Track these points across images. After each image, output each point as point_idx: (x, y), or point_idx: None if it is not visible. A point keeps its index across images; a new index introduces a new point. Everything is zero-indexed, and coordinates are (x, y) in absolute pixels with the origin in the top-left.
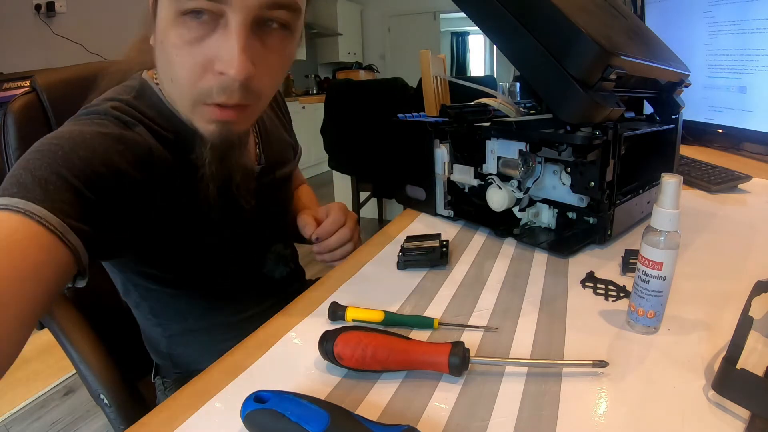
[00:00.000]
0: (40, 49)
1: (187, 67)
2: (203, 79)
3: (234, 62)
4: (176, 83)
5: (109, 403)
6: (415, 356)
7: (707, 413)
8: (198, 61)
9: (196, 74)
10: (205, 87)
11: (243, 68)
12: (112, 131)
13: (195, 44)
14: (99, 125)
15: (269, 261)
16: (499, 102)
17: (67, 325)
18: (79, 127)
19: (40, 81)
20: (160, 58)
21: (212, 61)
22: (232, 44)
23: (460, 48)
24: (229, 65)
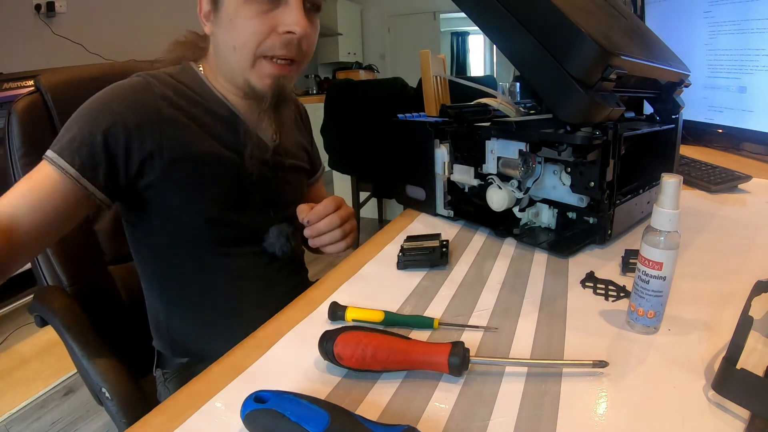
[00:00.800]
0: (40, 49)
1: (256, 32)
2: (269, 39)
3: (300, 22)
4: (241, 48)
5: (111, 396)
6: (415, 356)
7: (707, 413)
8: (266, 26)
9: (263, 35)
10: (269, 44)
11: (304, 26)
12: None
13: (264, 14)
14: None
15: (270, 235)
16: (499, 102)
17: (70, 321)
18: (109, 90)
19: (44, 81)
20: (226, 34)
21: (277, 25)
22: (296, 11)
23: (460, 48)
24: (297, 24)
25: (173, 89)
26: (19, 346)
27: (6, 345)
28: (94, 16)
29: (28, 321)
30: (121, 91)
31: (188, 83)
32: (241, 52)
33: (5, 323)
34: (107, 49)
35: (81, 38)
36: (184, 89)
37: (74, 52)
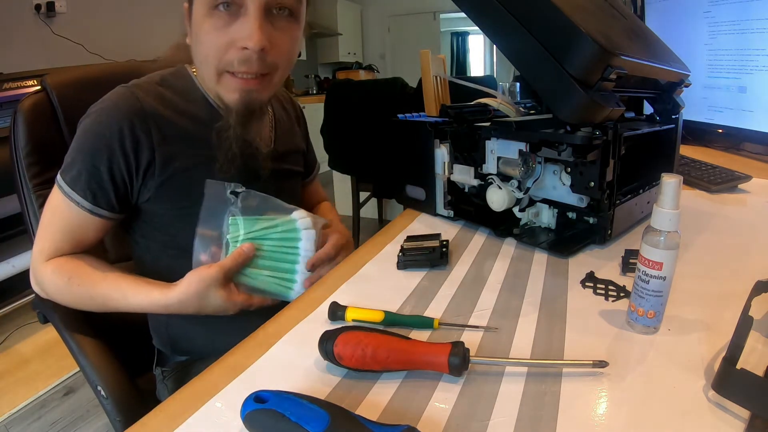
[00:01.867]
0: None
1: (215, 46)
2: (227, 54)
3: (253, 37)
4: (206, 61)
5: (107, 395)
6: (415, 356)
7: (707, 413)
8: (224, 41)
9: (221, 50)
10: (229, 59)
11: (259, 41)
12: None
13: (222, 29)
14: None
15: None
16: (499, 102)
17: (69, 320)
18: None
19: (50, 81)
20: (195, 47)
21: (235, 40)
22: (251, 25)
23: (460, 48)
24: (249, 39)
25: (160, 99)
26: (19, 346)
27: (6, 345)
28: (94, 16)
29: (28, 321)
30: (110, 114)
31: (178, 88)
32: (206, 67)
33: (5, 323)
34: (107, 49)
35: (81, 38)
36: (172, 98)
37: (74, 52)
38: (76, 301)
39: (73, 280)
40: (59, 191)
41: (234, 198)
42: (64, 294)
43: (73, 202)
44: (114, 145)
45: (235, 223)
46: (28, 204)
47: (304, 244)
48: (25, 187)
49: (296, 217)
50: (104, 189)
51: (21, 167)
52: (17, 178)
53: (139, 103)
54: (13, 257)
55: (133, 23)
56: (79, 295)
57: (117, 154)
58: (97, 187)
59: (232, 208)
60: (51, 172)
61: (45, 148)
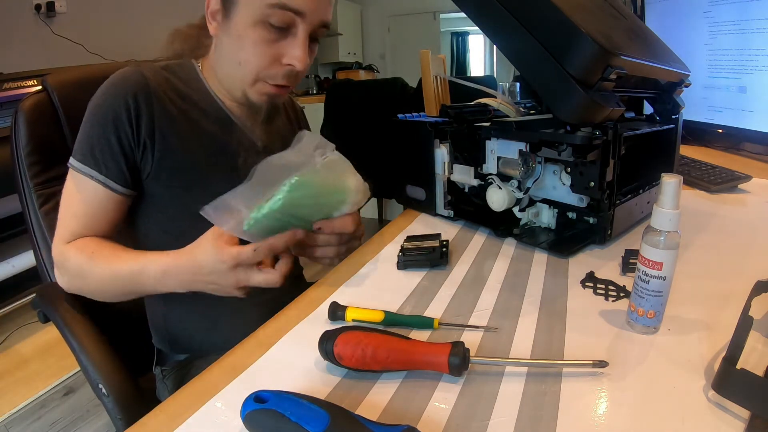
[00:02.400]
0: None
1: (261, 56)
2: (272, 67)
3: (302, 59)
4: (245, 65)
5: (108, 392)
6: (415, 356)
7: (707, 413)
8: (271, 55)
9: (267, 62)
10: (272, 72)
11: (305, 64)
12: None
13: (271, 43)
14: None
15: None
16: (499, 102)
17: (71, 318)
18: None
19: (51, 81)
20: (232, 48)
21: (282, 56)
22: (300, 48)
23: (460, 48)
24: (298, 61)
25: (165, 81)
26: (19, 346)
27: (6, 345)
28: (94, 16)
29: (29, 321)
30: (117, 86)
31: (183, 77)
32: (244, 70)
33: (5, 323)
34: (107, 49)
35: (81, 38)
36: (175, 83)
37: (74, 52)
38: (98, 282)
39: (95, 256)
40: (72, 174)
41: (320, 157)
42: (87, 274)
43: (87, 176)
44: (121, 114)
45: (297, 184)
46: (29, 203)
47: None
48: (26, 187)
49: (352, 187)
50: (116, 160)
51: (22, 167)
52: (18, 178)
53: (144, 80)
54: (13, 257)
55: (133, 23)
56: (101, 275)
57: (123, 122)
58: (109, 157)
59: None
60: (52, 171)
61: (46, 148)
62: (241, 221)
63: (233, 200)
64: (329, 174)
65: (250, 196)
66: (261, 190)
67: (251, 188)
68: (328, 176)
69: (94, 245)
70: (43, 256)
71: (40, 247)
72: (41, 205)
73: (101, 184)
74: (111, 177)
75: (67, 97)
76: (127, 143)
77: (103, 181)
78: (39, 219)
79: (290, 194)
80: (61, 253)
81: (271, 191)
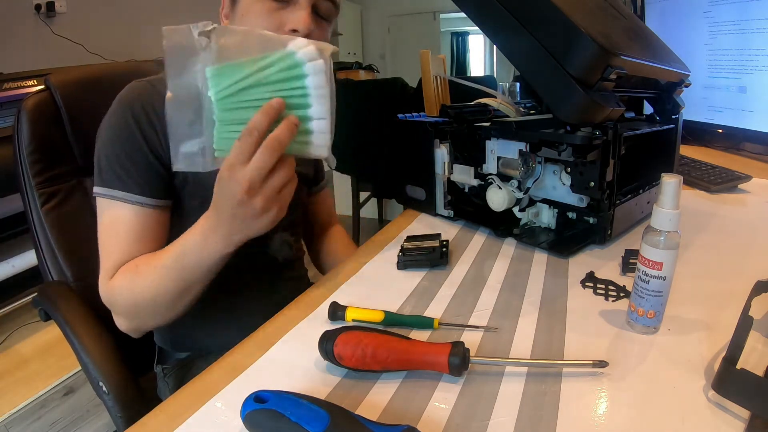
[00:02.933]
0: (40, 49)
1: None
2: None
3: (304, 21)
4: None
5: (108, 391)
6: (415, 356)
7: (707, 413)
8: (274, 23)
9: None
10: None
11: (308, 25)
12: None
13: (273, 13)
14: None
15: (274, 243)
16: (499, 102)
17: (72, 316)
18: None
19: (54, 80)
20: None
21: (284, 23)
22: (303, 11)
23: (460, 48)
24: (300, 22)
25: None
26: (19, 346)
27: (6, 345)
28: (94, 16)
29: (29, 321)
30: (128, 98)
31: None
32: None
33: (5, 323)
34: (107, 49)
35: (81, 38)
36: None
37: (74, 52)
38: (150, 289)
39: (140, 266)
40: (102, 203)
41: (205, 41)
42: (137, 287)
43: (120, 200)
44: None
45: (216, 74)
46: (31, 202)
47: (312, 80)
48: (28, 186)
49: (294, 49)
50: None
51: (24, 166)
52: (20, 177)
53: (158, 94)
54: (13, 257)
55: (133, 23)
56: (150, 281)
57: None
58: (137, 173)
59: (205, 54)
60: (54, 170)
61: (48, 147)
62: (210, 152)
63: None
64: (240, 52)
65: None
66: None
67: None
68: (245, 54)
69: (137, 260)
70: (44, 255)
71: (41, 246)
72: (43, 204)
73: (137, 204)
74: (145, 193)
75: (69, 96)
76: (152, 153)
77: (140, 201)
78: (41, 218)
79: (218, 90)
80: (108, 291)
81: (203, 110)
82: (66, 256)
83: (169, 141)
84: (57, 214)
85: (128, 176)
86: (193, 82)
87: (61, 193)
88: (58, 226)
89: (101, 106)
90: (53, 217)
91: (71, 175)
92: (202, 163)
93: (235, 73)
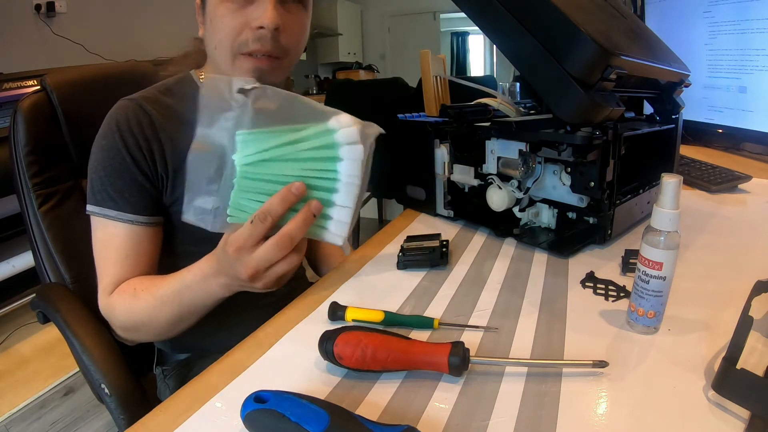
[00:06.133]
0: (40, 49)
1: (230, 28)
2: (242, 34)
3: (268, 15)
4: (221, 45)
5: (110, 392)
6: (415, 356)
7: (707, 413)
8: (239, 22)
9: (236, 31)
10: (244, 39)
11: (273, 19)
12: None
13: (237, 11)
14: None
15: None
16: (499, 102)
17: (72, 318)
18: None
19: (50, 80)
20: (210, 35)
21: (250, 20)
22: (266, 5)
23: (460, 48)
24: (264, 18)
25: (166, 110)
26: (19, 346)
27: (6, 345)
28: (94, 16)
29: (28, 321)
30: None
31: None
32: (221, 50)
33: (5, 323)
34: (107, 49)
35: (81, 38)
36: (177, 108)
37: (74, 52)
38: (148, 315)
39: (137, 291)
40: (96, 221)
41: (243, 98)
42: (135, 310)
43: (112, 219)
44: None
45: (246, 140)
46: (28, 204)
47: (345, 165)
48: (25, 187)
49: (335, 126)
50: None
51: (21, 167)
52: (17, 178)
53: (147, 116)
54: (13, 257)
55: (133, 23)
56: (147, 307)
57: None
58: (129, 192)
59: (240, 113)
60: (51, 171)
61: (45, 148)
62: (222, 214)
63: (200, 200)
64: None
65: (213, 186)
66: (213, 172)
67: (204, 178)
68: (281, 122)
69: (135, 283)
70: (41, 256)
71: (38, 248)
72: (40, 206)
73: (129, 222)
74: (137, 211)
75: (66, 96)
76: (141, 174)
77: (131, 219)
78: (38, 219)
79: (243, 156)
80: (106, 306)
81: (224, 170)
82: (64, 258)
83: (185, 190)
84: (54, 215)
85: (120, 197)
86: (220, 140)
87: (59, 194)
88: (55, 227)
89: (98, 106)
90: (50, 219)
91: (68, 176)
92: (212, 223)
93: (265, 141)
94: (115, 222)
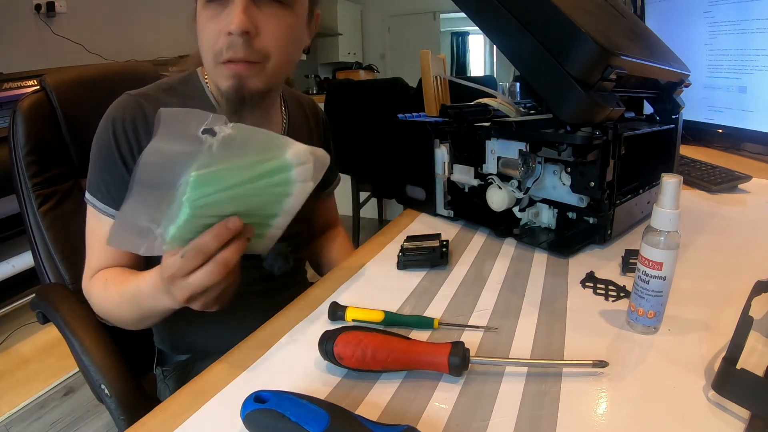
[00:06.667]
0: (40, 49)
1: (208, 36)
2: (217, 43)
3: (234, 21)
4: (203, 53)
5: (110, 393)
6: (415, 356)
7: (707, 413)
8: (214, 30)
9: (212, 39)
10: (218, 47)
11: (240, 24)
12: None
13: (214, 19)
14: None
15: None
16: (499, 102)
17: (71, 319)
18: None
19: (50, 80)
20: (198, 42)
21: (222, 27)
22: (235, 10)
23: (460, 48)
24: (231, 23)
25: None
26: (19, 346)
27: (6, 345)
28: (94, 16)
29: (28, 321)
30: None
31: (187, 95)
32: (204, 59)
33: (5, 323)
34: (107, 49)
35: (81, 38)
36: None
37: (74, 52)
38: (114, 307)
39: (108, 283)
40: (89, 209)
41: (209, 138)
42: (104, 302)
43: (101, 211)
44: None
45: (199, 181)
46: (27, 204)
47: (292, 200)
48: (25, 187)
49: (293, 161)
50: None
51: (20, 167)
52: (16, 179)
53: (143, 116)
54: (13, 257)
55: (133, 23)
56: (113, 300)
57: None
58: (106, 190)
59: (201, 157)
60: (50, 171)
61: (44, 148)
62: (157, 241)
63: (134, 218)
64: (237, 152)
65: (151, 208)
66: (157, 196)
67: (144, 198)
68: (239, 156)
69: (109, 274)
70: (41, 256)
71: (38, 248)
72: (39, 206)
73: (112, 217)
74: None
75: (65, 96)
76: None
77: (113, 215)
78: (38, 219)
79: (195, 197)
80: (86, 288)
81: (171, 195)
82: (63, 258)
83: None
84: (54, 215)
85: (107, 190)
86: (173, 169)
87: (58, 194)
88: (55, 227)
89: (97, 106)
90: (50, 219)
91: (68, 176)
92: (139, 245)
93: (221, 181)
94: (100, 214)
